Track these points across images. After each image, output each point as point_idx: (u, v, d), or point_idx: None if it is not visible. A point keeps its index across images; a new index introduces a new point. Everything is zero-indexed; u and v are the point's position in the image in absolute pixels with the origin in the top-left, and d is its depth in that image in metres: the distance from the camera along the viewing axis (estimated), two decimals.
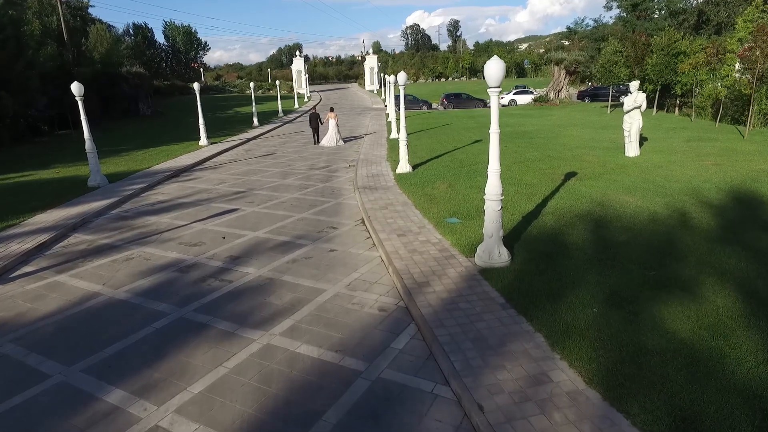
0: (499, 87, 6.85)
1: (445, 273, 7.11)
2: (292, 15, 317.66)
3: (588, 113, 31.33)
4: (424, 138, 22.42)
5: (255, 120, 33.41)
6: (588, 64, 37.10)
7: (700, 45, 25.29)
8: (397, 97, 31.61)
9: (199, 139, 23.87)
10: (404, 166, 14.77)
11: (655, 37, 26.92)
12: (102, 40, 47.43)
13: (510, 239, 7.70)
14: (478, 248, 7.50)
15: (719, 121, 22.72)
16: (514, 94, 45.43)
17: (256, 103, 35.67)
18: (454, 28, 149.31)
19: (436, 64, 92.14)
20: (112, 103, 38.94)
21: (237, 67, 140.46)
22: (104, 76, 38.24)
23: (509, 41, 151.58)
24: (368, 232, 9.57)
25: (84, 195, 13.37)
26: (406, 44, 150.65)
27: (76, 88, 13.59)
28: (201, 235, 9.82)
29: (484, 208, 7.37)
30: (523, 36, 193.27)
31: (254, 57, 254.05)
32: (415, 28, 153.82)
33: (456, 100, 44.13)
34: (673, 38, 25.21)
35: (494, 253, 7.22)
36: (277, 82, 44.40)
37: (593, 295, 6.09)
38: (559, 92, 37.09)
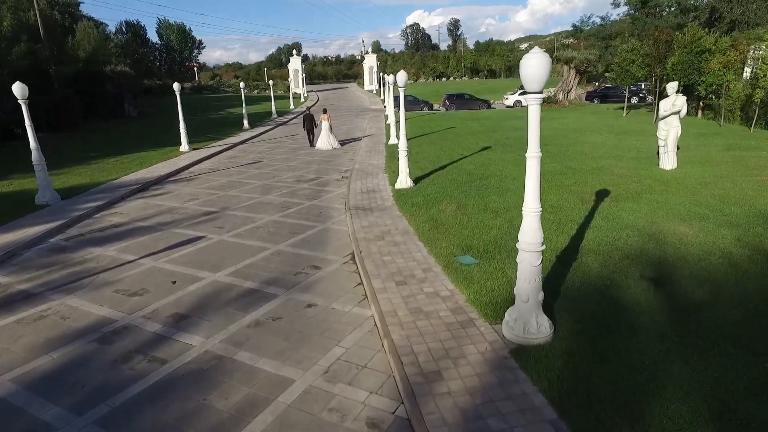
0: (541, 92, 4.79)
1: (463, 354, 5.05)
2: (293, 14, 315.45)
3: (602, 116, 29.26)
4: (425, 144, 20.35)
5: (245, 122, 31.37)
6: (598, 64, 35.01)
7: (726, 43, 23.22)
8: (396, 98, 29.49)
9: (181, 144, 21.81)
10: (404, 180, 12.71)
11: (677, 33, 24.85)
12: (90, 38, 45.51)
13: (545, 292, 5.68)
14: (507, 313, 5.45)
15: (753, 126, 20.68)
16: (519, 94, 43.36)
17: (247, 104, 33.68)
18: (454, 27, 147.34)
19: (437, 64, 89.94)
20: (97, 104, 36.85)
21: (236, 67, 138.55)
22: (87, 76, 36.16)
23: (509, 41, 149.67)
24: (359, 274, 7.51)
25: (26, 216, 11.30)
26: (406, 44, 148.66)
27: (18, 89, 11.52)
28: (147, 277, 7.75)
29: (518, 260, 5.32)
30: (523, 36, 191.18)
31: (254, 56, 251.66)
32: (415, 28, 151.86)
33: (458, 100, 42.08)
34: (696, 35, 23.14)
35: (531, 323, 5.16)
36: (271, 82, 42.34)
37: (693, 409, 4.03)
38: (568, 93, 35.04)
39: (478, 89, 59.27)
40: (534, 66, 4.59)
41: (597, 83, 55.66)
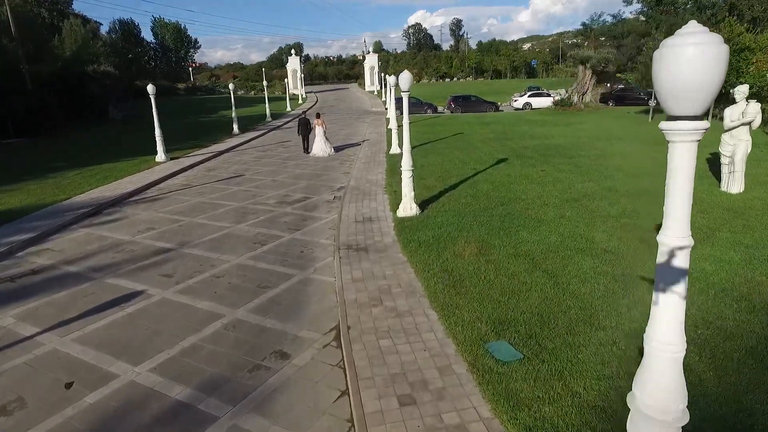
0: (700, 119, 2.36)
1: None
2: (295, 14, 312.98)
3: (624, 121, 26.75)
4: (431, 154, 17.90)
5: (235, 127, 28.95)
6: (618, 63, 32.46)
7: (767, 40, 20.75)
8: (398, 100, 26.83)
9: (157, 153, 19.42)
10: (408, 206, 10.26)
11: (712, 29, 22.34)
12: (77, 36, 43.23)
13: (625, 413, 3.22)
14: None
15: None
16: (528, 96, 40.90)
17: (243, 106, 31.42)
18: (456, 27, 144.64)
19: (440, 64, 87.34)
20: (80, 107, 34.48)
21: (237, 67, 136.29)
22: (68, 76, 33.79)
23: (512, 41, 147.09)
24: (344, 373, 5.09)
25: None
26: (408, 44, 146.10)
27: None
28: (35, 373, 5.34)
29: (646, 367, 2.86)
30: (525, 36, 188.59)
31: (256, 57, 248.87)
32: (417, 28, 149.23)
33: (464, 103, 39.60)
34: (735, 31, 20.68)
35: None
36: (265, 83, 39.90)
37: None
38: (583, 95, 32.53)
39: (483, 90, 56.79)
40: (699, 60, 2.16)
41: (608, 84, 53.23)
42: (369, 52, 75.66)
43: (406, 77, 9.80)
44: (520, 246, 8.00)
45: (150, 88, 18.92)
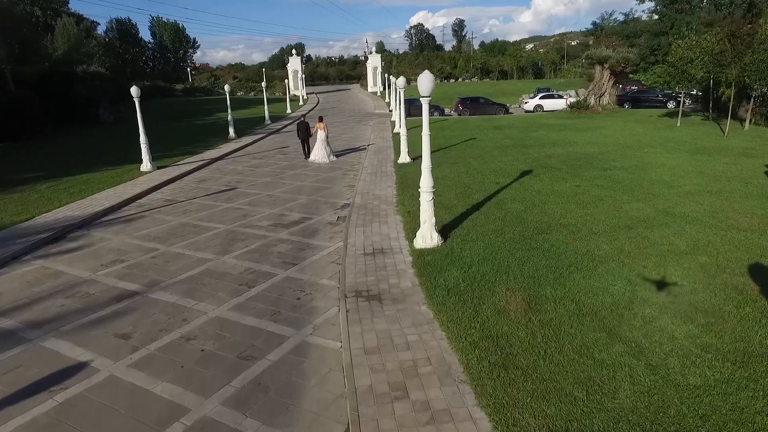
0: None
1: None
2: (297, 14, 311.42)
3: (648, 125, 24.85)
4: (445, 164, 16.08)
5: (231, 130, 27.16)
6: (637, 63, 30.62)
7: None
8: (409, 103, 25.19)
9: (142, 162, 17.68)
10: (429, 236, 8.46)
11: (760, 22, 20.52)
12: (69, 36, 41.58)
13: None
14: None
15: None
16: (539, 98, 39.03)
17: (241, 108, 29.70)
18: (459, 27, 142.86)
19: (445, 64, 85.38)
20: (69, 109, 32.71)
21: (238, 67, 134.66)
22: (56, 77, 32.05)
23: (516, 41, 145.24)
24: None
25: None
26: (411, 44, 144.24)
27: None
28: None
29: None
30: (527, 36, 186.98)
31: (258, 57, 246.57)
32: (420, 28, 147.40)
33: (473, 105, 37.75)
34: None
35: None
36: (264, 83, 38.10)
37: None
38: (601, 97, 30.64)
39: (490, 92, 55.01)
40: None
41: (620, 86, 51.34)
42: (372, 52, 73.87)
43: (426, 80, 7.97)
44: (580, 298, 6.19)
45: (134, 90, 17.11)
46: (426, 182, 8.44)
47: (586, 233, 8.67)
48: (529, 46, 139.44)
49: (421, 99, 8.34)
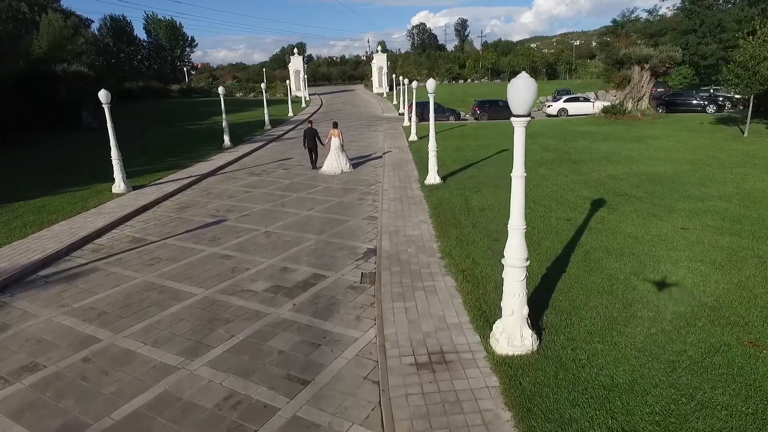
0: None
1: None
2: (297, 14, 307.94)
3: (708, 135, 21.50)
4: (487, 188, 12.92)
5: (226, 139, 23.99)
6: (680, 62, 27.40)
7: None
8: (421, 106, 21.83)
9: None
10: (517, 334, 5.30)
11: None
12: (55, 33, 38.58)
13: None
14: None
15: None
16: (564, 101, 35.81)
17: (240, 111, 26.67)
18: (462, 27, 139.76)
19: (453, 64, 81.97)
20: (49, 113, 29.63)
21: (239, 67, 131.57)
22: (35, 77, 28.94)
23: (518, 41, 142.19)
24: None
25: None
26: (412, 44, 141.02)
27: None
28: None
29: None
30: (528, 36, 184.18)
31: (259, 57, 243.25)
32: (421, 28, 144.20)
33: (492, 108, 34.60)
34: None
35: None
36: (263, 84, 34.88)
37: None
38: (639, 101, 27.45)
39: (503, 93, 51.92)
40: None
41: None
42: (377, 51, 70.67)
43: (526, 90, 4.82)
44: None
45: (102, 95, 14.01)
46: (516, 252, 5.28)
47: (761, 321, 5.54)
48: (531, 46, 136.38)
49: (514, 123, 5.20)
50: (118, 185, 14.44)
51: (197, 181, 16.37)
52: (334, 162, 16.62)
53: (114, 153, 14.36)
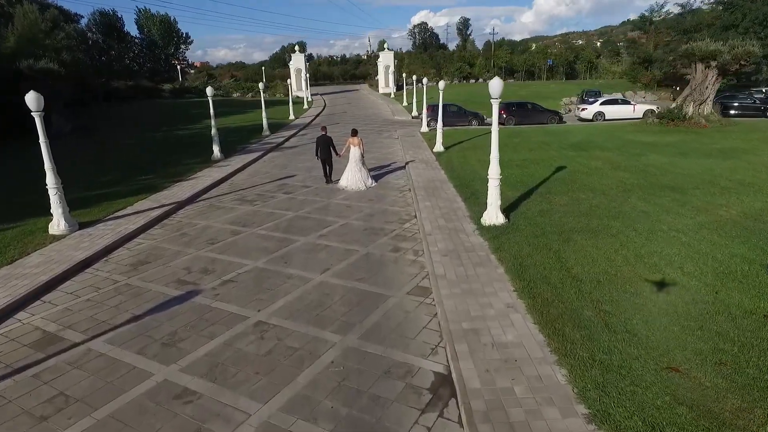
0: None
1: None
2: (297, 13, 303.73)
3: None
4: (579, 233, 8.92)
5: (216, 149, 19.97)
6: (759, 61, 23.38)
7: None
8: (433, 108, 18.41)
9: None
10: None
11: None
12: (27, 26, 34.67)
13: None
14: None
15: None
16: (601, 104, 31.74)
17: (236, 113, 22.92)
18: (463, 26, 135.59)
19: (463, 63, 77.64)
20: (10, 117, 25.53)
21: (238, 66, 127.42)
22: None
23: (522, 40, 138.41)
24: None
25: None
26: (414, 43, 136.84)
27: None
28: None
29: None
30: (528, 36, 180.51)
31: (259, 56, 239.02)
32: (423, 27, 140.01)
33: (520, 112, 30.58)
34: None
35: None
36: (261, 84, 30.86)
37: None
38: (702, 104, 23.36)
39: (522, 94, 48.05)
40: None
41: (677, 88, 43.93)
42: (384, 49, 66.63)
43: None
44: None
45: (31, 100, 10.04)
46: None
47: None
48: (532, 46, 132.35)
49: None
50: (57, 224, 10.46)
51: (171, 213, 12.36)
52: (355, 175, 13.78)
53: (50, 180, 10.42)
